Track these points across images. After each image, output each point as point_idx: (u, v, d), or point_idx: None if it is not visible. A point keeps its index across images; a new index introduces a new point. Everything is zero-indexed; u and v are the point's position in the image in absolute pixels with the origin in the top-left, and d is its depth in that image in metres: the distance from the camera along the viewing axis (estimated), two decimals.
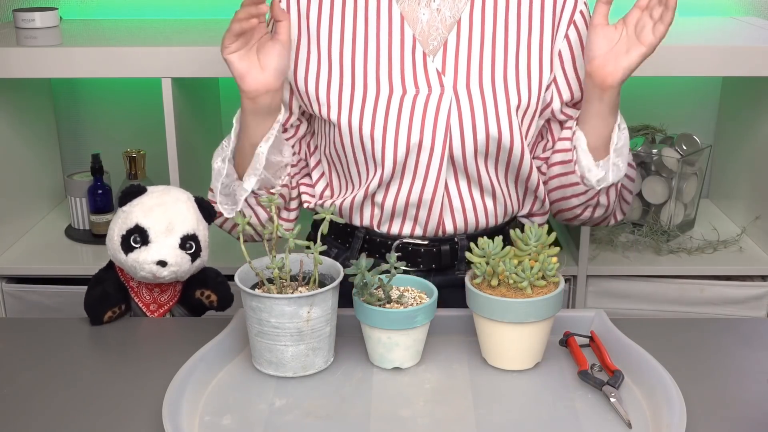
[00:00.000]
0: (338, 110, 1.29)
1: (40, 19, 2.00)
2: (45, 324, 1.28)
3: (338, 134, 1.30)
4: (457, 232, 1.35)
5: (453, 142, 1.27)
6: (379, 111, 1.28)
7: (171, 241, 1.25)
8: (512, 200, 1.37)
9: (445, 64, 1.29)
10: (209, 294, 1.32)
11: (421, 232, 1.35)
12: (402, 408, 1.05)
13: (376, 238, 1.36)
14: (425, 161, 1.29)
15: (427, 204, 1.31)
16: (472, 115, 1.27)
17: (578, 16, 1.32)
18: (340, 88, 1.30)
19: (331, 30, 1.31)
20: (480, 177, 1.31)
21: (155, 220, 1.24)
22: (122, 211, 1.27)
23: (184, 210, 1.27)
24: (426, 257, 1.36)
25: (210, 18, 2.22)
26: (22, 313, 1.96)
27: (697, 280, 1.97)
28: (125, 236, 1.24)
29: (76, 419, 1.03)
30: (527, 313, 1.09)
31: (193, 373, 1.08)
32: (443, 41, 1.30)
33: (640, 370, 1.09)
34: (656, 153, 2.04)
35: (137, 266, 1.24)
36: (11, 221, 2.03)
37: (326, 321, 1.10)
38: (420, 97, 1.28)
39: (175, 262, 1.25)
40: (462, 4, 1.31)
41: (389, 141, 1.27)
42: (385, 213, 1.33)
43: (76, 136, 2.30)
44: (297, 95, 1.34)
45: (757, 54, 1.80)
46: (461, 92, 1.28)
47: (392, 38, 1.29)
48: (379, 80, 1.29)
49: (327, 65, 1.31)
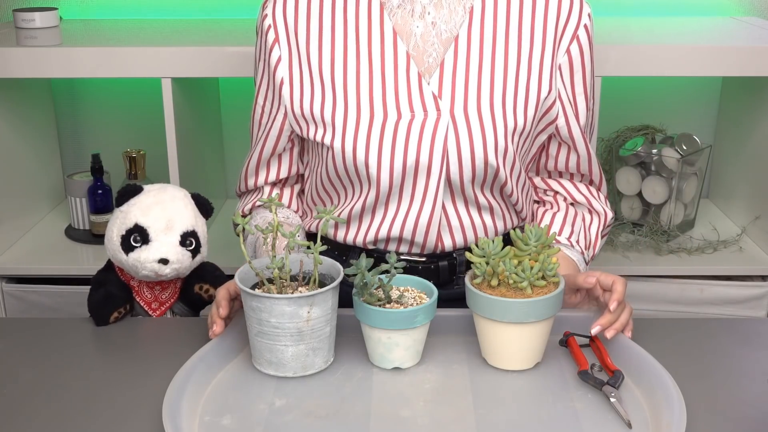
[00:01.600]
0: (332, 134, 1.26)
1: (40, 19, 2.00)
2: (45, 324, 1.28)
3: (332, 157, 1.27)
4: (455, 249, 1.34)
5: (450, 167, 1.25)
6: (373, 136, 1.24)
7: (171, 239, 1.25)
8: (511, 213, 1.36)
9: (442, 86, 1.25)
10: (208, 288, 1.32)
11: (418, 250, 1.33)
12: (402, 408, 1.05)
13: (374, 254, 1.34)
14: (422, 185, 1.26)
15: (425, 226, 1.29)
16: (470, 142, 1.24)
17: (582, 30, 1.28)
18: (333, 111, 1.26)
19: (321, 48, 1.27)
20: (477, 198, 1.29)
21: (154, 219, 1.25)
22: (120, 211, 1.27)
23: (182, 207, 1.27)
24: (424, 273, 1.34)
25: (210, 18, 2.22)
26: (22, 313, 1.96)
27: (697, 280, 1.97)
28: (125, 236, 1.24)
29: (76, 419, 1.03)
30: (527, 313, 1.09)
31: (193, 373, 1.08)
32: (440, 59, 1.26)
33: (640, 370, 1.09)
34: (656, 153, 2.04)
35: (139, 265, 1.24)
36: (11, 221, 2.03)
37: (326, 321, 1.10)
38: (415, 122, 1.24)
39: (177, 259, 1.25)
40: (459, 18, 1.26)
41: (384, 165, 1.24)
42: (382, 234, 1.31)
43: (76, 136, 2.30)
44: (290, 117, 1.31)
45: (757, 54, 1.80)
46: (458, 117, 1.24)
47: (385, 56, 1.25)
48: (372, 103, 1.25)
49: (320, 87, 1.27)
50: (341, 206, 1.33)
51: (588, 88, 1.33)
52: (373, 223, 1.31)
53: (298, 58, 1.28)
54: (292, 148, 1.37)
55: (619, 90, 2.15)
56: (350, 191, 1.31)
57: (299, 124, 1.30)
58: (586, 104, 1.33)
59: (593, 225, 1.41)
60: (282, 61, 1.29)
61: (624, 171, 2.09)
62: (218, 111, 2.23)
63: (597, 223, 1.42)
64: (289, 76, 1.29)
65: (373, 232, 1.32)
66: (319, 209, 1.15)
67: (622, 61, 1.80)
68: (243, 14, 2.22)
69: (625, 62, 1.80)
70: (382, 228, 1.31)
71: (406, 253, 1.34)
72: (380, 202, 1.29)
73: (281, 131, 1.34)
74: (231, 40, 1.88)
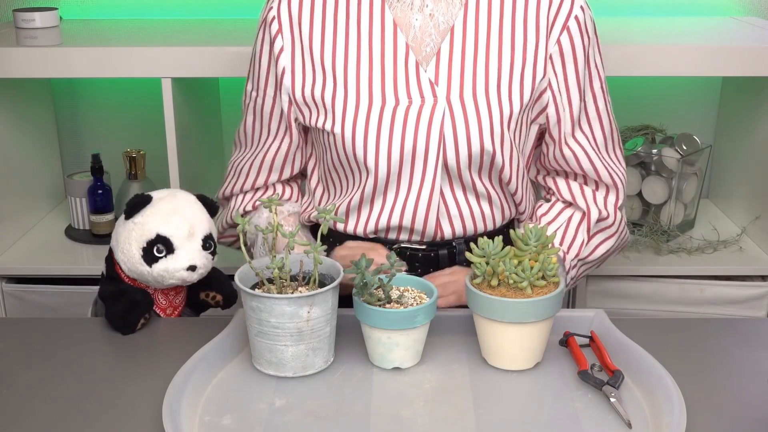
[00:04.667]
0: (333, 119, 1.29)
1: (40, 19, 2.00)
2: (45, 324, 1.28)
3: (333, 143, 1.30)
4: (455, 237, 1.35)
5: (447, 152, 1.27)
6: (371, 121, 1.27)
7: (195, 245, 1.24)
8: (509, 204, 1.37)
9: (438, 73, 1.28)
10: (214, 295, 1.32)
11: (418, 238, 1.34)
12: (402, 408, 1.05)
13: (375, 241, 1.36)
14: (420, 170, 1.28)
15: (424, 213, 1.31)
16: (466, 127, 1.26)
17: (572, 21, 1.30)
18: (333, 96, 1.29)
19: (324, 37, 1.30)
20: (474, 184, 1.31)
21: (176, 227, 1.23)
22: (134, 223, 1.23)
23: (198, 211, 1.27)
24: (424, 262, 1.35)
25: (210, 18, 2.22)
26: (22, 313, 1.96)
27: (697, 280, 1.97)
28: (146, 248, 1.22)
29: (76, 419, 1.03)
30: (527, 313, 1.09)
31: (193, 373, 1.08)
32: (436, 48, 1.29)
33: (640, 370, 1.09)
34: (656, 153, 2.04)
35: (167, 275, 1.23)
36: (11, 221, 2.03)
37: (326, 321, 1.10)
38: (413, 108, 1.27)
39: (203, 264, 1.24)
40: (456, 10, 1.29)
41: (382, 151, 1.27)
42: (382, 223, 1.33)
43: (76, 136, 2.30)
44: (294, 105, 1.33)
45: (757, 54, 1.80)
46: (455, 103, 1.27)
47: (385, 46, 1.28)
48: (371, 90, 1.28)
49: (321, 74, 1.30)
50: (342, 197, 1.34)
51: (582, 81, 1.33)
52: (373, 212, 1.32)
53: (301, 49, 1.31)
54: (296, 144, 1.39)
55: (619, 90, 2.14)
56: (351, 180, 1.33)
57: (302, 111, 1.33)
58: (579, 96, 1.33)
59: (572, 221, 1.40)
60: (284, 51, 1.31)
61: None
62: (218, 111, 2.23)
63: (578, 220, 1.40)
64: (291, 66, 1.31)
65: (373, 222, 1.33)
66: (319, 209, 1.15)
67: (622, 61, 1.79)
68: (243, 14, 2.22)
69: (625, 62, 1.80)
70: (382, 217, 1.32)
71: (406, 241, 1.34)
72: (379, 191, 1.30)
73: (280, 120, 1.36)
74: (231, 40, 1.88)
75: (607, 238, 1.41)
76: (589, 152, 1.37)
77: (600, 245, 1.41)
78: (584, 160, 1.37)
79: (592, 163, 1.37)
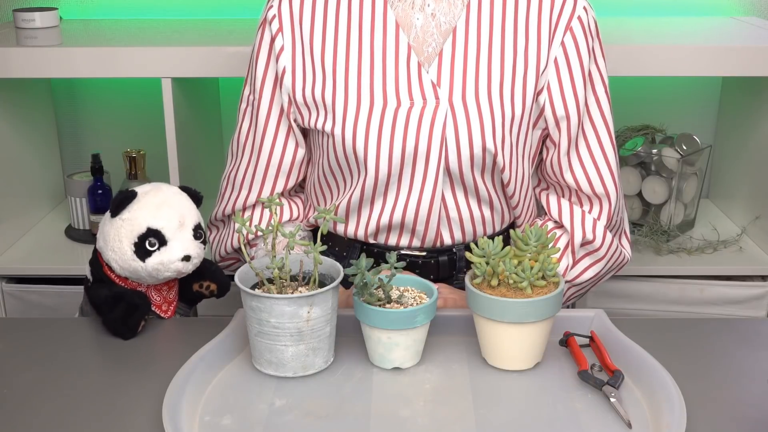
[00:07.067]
0: (333, 120, 1.27)
1: (40, 19, 2.00)
2: (45, 324, 1.28)
3: (332, 145, 1.29)
4: (455, 244, 1.35)
5: (449, 154, 1.26)
6: (372, 123, 1.26)
7: (186, 235, 1.23)
8: (509, 209, 1.37)
9: (441, 74, 1.27)
10: (209, 284, 1.31)
11: (419, 243, 1.34)
12: (402, 408, 1.05)
13: (374, 249, 1.35)
14: (421, 172, 1.27)
15: (425, 216, 1.30)
16: (468, 129, 1.25)
17: (575, 22, 1.29)
18: (333, 96, 1.28)
19: (325, 37, 1.29)
20: (477, 187, 1.30)
21: (167, 219, 1.22)
22: (122, 219, 1.23)
23: (186, 201, 1.26)
24: (424, 268, 1.35)
25: (210, 18, 2.22)
26: (22, 313, 1.96)
27: (697, 280, 1.97)
28: (138, 243, 1.21)
29: (75, 419, 1.03)
30: (527, 313, 1.09)
31: (193, 373, 1.08)
32: (438, 48, 1.28)
33: (640, 370, 1.09)
34: (656, 153, 2.04)
35: (162, 268, 1.22)
36: (11, 221, 2.03)
37: (326, 321, 1.10)
38: (414, 110, 1.26)
39: (197, 253, 1.24)
40: (458, 10, 1.28)
41: (383, 152, 1.26)
42: (383, 224, 1.32)
43: (76, 136, 2.30)
44: (293, 106, 1.32)
45: (757, 54, 1.80)
46: (457, 104, 1.26)
47: (386, 46, 1.28)
48: (373, 91, 1.27)
49: (321, 74, 1.29)
50: (341, 196, 1.34)
51: (584, 84, 1.32)
52: (373, 213, 1.32)
53: (302, 49, 1.30)
54: (295, 148, 1.37)
55: (619, 90, 2.14)
56: (349, 180, 1.32)
57: (301, 112, 1.31)
58: (581, 100, 1.31)
59: (558, 244, 1.37)
60: (285, 50, 1.30)
61: (624, 171, 2.09)
62: (218, 111, 2.23)
63: (565, 244, 1.37)
64: (292, 65, 1.30)
65: (373, 223, 1.32)
66: (319, 209, 1.15)
67: (622, 61, 1.80)
68: (243, 14, 2.22)
69: (625, 62, 1.80)
70: (383, 217, 1.31)
71: (406, 247, 1.34)
72: (379, 192, 1.29)
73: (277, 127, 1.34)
74: (231, 40, 1.88)
75: (595, 262, 1.38)
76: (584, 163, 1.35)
77: (587, 269, 1.38)
78: (568, 172, 1.35)
79: (573, 175, 1.35)
